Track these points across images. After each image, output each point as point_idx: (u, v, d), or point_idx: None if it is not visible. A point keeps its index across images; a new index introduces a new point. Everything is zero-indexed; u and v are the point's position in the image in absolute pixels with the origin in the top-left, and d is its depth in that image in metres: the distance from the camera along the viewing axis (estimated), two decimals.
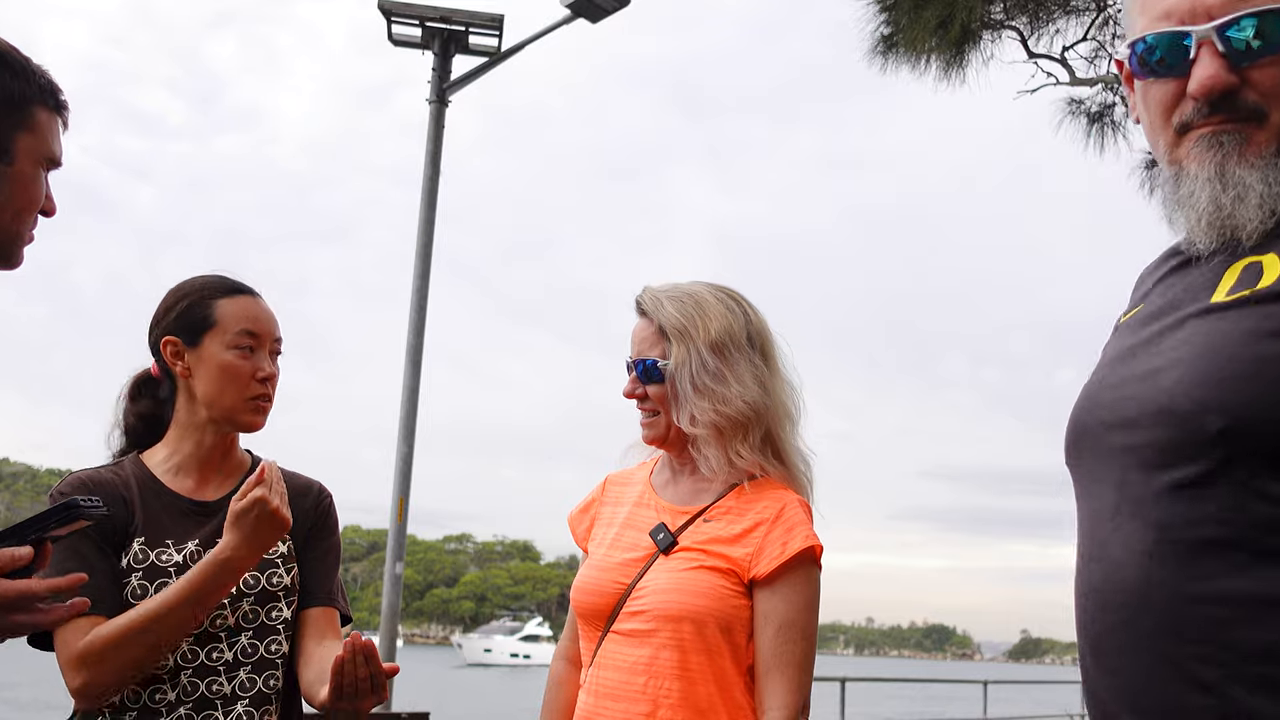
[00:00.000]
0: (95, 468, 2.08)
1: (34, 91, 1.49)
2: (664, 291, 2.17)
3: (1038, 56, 9.56)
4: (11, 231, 1.50)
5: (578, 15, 9.94)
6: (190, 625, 1.90)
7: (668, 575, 2.04)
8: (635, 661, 2.02)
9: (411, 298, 10.05)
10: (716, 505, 2.11)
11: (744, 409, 2.08)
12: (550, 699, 2.26)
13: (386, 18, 10.26)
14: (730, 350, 2.10)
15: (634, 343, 2.20)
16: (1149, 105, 1.27)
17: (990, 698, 14.86)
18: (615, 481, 2.32)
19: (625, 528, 2.18)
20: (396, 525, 9.64)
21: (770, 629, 1.99)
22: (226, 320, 2.07)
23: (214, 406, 2.06)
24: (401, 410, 9.83)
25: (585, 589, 2.14)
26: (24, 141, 1.48)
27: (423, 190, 10.25)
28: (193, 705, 1.94)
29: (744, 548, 2.03)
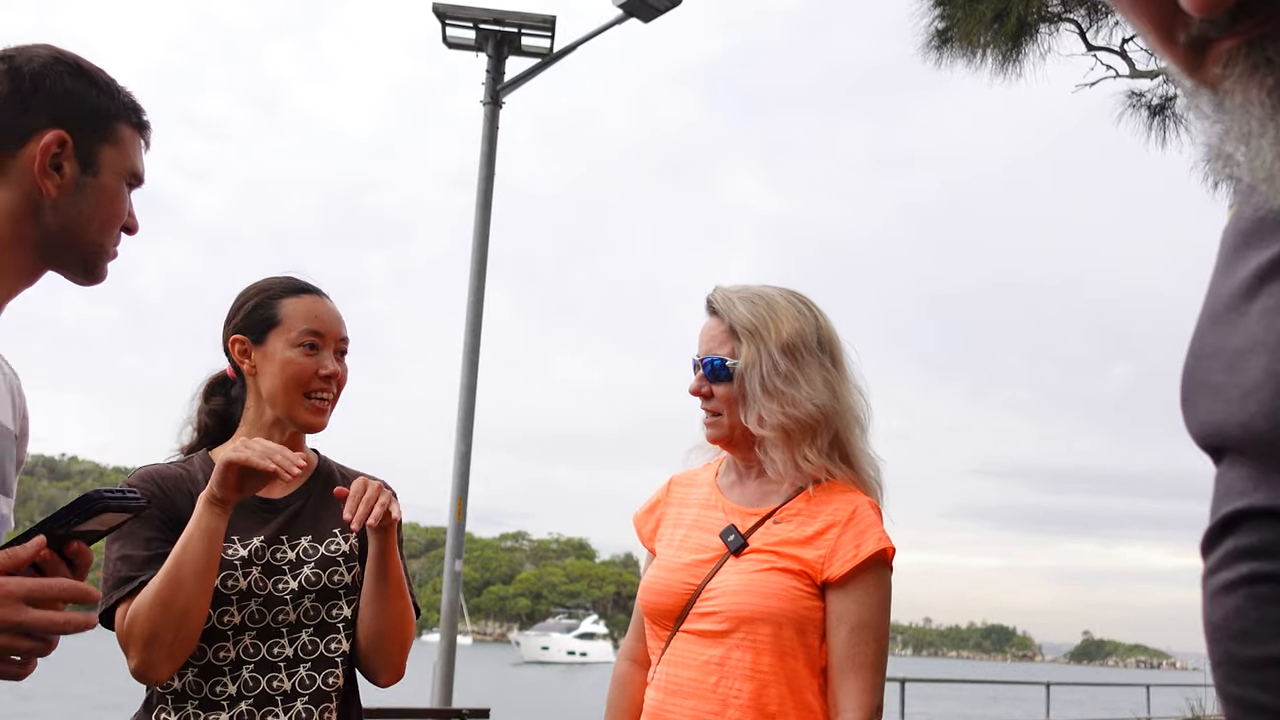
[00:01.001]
0: (164, 463, 2.13)
1: (118, 108, 1.54)
2: (735, 291, 2.17)
3: (1097, 49, 9.42)
4: (96, 245, 1.54)
5: (630, 15, 9.96)
6: (207, 571, 1.88)
7: (739, 577, 2.04)
8: (707, 660, 2.03)
9: (468, 298, 10.14)
10: (786, 507, 2.10)
11: (813, 412, 2.07)
12: (616, 697, 2.27)
13: (441, 21, 10.36)
14: (801, 353, 2.09)
15: (702, 341, 2.19)
16: (1133, 14, 0.78)
17: (1053, 700, 14.67)
18: (680, 482, 2.32)
19: (692, 529, 2.18)
20: (455, 523, 9.74)
21: (844, 630, 1.99)
22: (291, 318, 2.10)
23: (276, 404, 2.09)
24: (459, 410, 9.92)
25: (654, 589, 2.14)
26: (108, 155, 1.53)
27: (478, 191, 10.33)
28: (253, 700, 1.97)
29: (816, 550, 2.03)
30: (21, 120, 1.46)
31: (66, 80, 1.50)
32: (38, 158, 1.46)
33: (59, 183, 1.48)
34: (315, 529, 2.10)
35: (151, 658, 1.88)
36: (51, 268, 1.54)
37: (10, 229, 1.47)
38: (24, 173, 1.46)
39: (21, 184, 1.46)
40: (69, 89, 1.50)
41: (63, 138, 1.47)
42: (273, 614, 2.01)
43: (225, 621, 1.98)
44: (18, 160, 1.46)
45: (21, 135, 1.46)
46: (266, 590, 2.01)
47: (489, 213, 10.29)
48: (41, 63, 1.50)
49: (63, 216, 1.49)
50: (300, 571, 2.05)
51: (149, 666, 1.89)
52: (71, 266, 1.55)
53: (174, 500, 2.03)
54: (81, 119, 1.50)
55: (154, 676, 1.91)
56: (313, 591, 2.04)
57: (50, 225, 1.49)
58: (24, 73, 1.48)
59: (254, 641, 2.00)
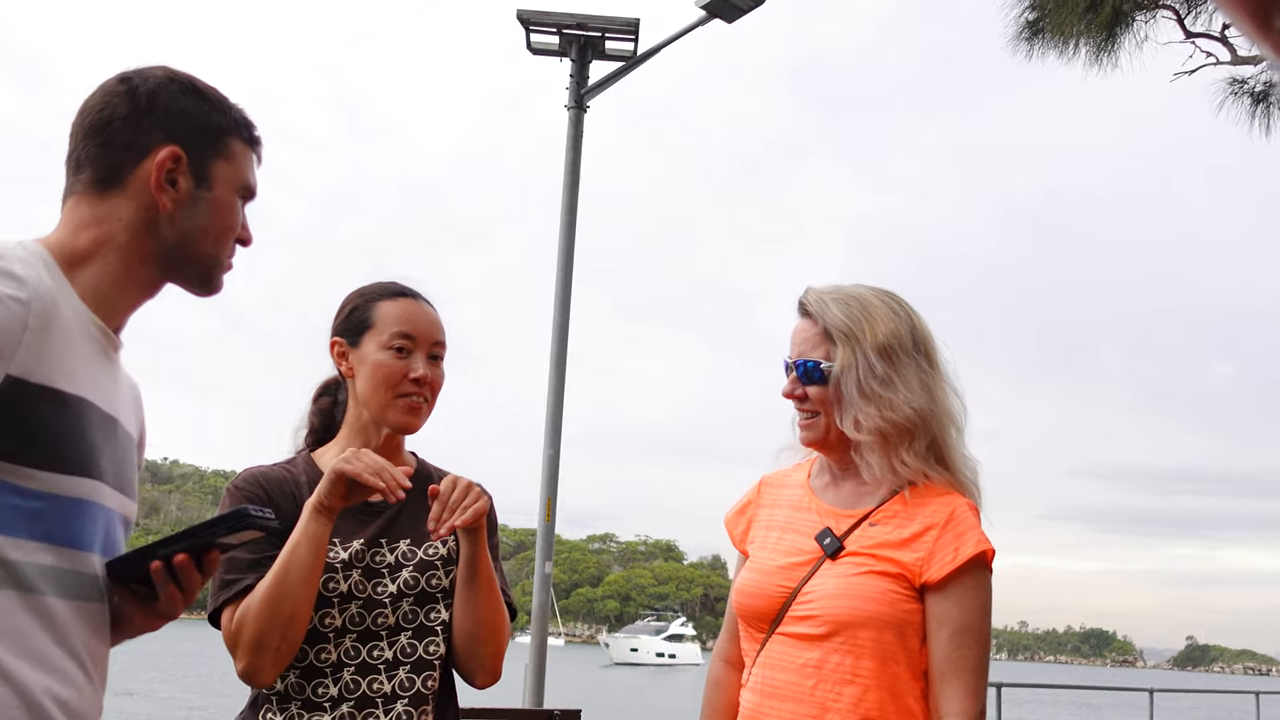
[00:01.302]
0: (268, 465, 2.16)
1: (230, 124, 1.60)
2: (828, 292, 2.14)
3: (1195, 36, 9.14)
4: (211, 256, 1.59)
5: (713, 16, 9.92)
6: (312, 577, 1.92)
7: (836, 580, 2.02)
8: (805, 664, 2.01)
9: (554, 301, 10.20)
10: (882, 509, 2.08)
11: (911, 415, 2.04)
12: (711, 698, 2.26)
13: (525, 27, 10.43)
14: (897, 354, 2.06)
15: (795, 343, 2.16)
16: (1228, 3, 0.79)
17: (1157, 707, 14.23)
18: (771, 483, 2.30)
19: (785, 531, 2.16)
20: (545, 525, 9.79)
21: (944, 634, 1.96)
22: (383, 321, 2.12)
23: (369, 405, 2.12)
24: (547, 412, 9.97)
25: (748, 592, 2.13)
26: (221, 169, 1.58)
27: (563, 195, 10.38)
28: (354, 703, 1.99)
29: (914, 552, 2.00)
30: (138, 138, 1.52)
31: (180, 98, 1.56)
32: (154, 174, 1.51)
33: (174, 197, 1.53)
34: (414, 533, 2.12)
35: (258, 661, 1.92)
36: (170, 280, 1.59)
37: (131, 243, 1.52)
38: (142, 189, 1.52)
39: (140, 199, 1.52)
40: (182, 107, 1.55)
41: (177, 154, 1.53)
42: (372, 617, 2.03)
43: (326, 624, 2.01)
44: (136, 177, 1.52)
45: (139, 153, 1.52)
46: (366, 593, 2.03)
47: (574, 216, 10.34)
48: (156, 82, 1.55)
49: (179, 230, 1.54)
50: (399, 575, 2.07)
51: (255, 670, 1.93)
52: (189, 279, 1.60)
53: (278, 503, 2.06)
54: (195, 135, 1.55)
55: (260, 680, 1.95)
56: (411, 595, 2.06)
57: (168, 239, 1.54)
58: (140, 93, 1.54)
59: (354, 644, 2.02)
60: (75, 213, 1.52)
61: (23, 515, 1.35)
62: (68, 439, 1.40)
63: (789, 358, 2.16)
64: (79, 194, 1.53)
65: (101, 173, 1.52)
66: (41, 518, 1.37)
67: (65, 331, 1.42)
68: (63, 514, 1.39)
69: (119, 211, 1.51)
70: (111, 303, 1.52)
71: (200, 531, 1.52)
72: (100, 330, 1.51)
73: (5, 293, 1.33)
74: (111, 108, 1.53)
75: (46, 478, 1.36)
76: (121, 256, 1.52)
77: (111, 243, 1.51)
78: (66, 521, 1.40)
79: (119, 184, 1.52)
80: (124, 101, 1.53)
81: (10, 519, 1.34)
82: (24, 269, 1.37)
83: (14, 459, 1.34)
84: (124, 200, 1.52)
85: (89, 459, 1.43)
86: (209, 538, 1.52)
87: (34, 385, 1.35)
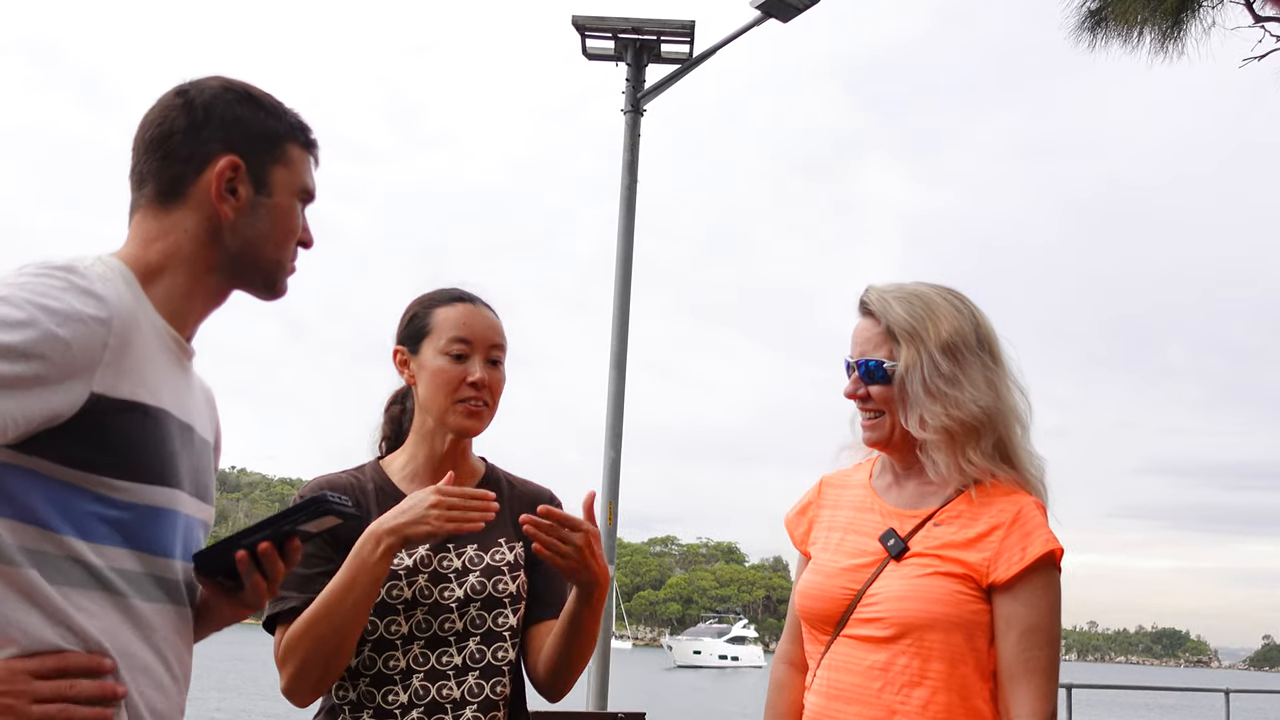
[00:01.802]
0: (336, 473, 2.18)
1: (286, 129, 1.62)
2: (890, 291, 2.11)
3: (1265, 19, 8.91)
4: (274, 260, 1.62)
5: (769, 15, 9.88)
6: (360, 608, 1.91)
7: (902, 582, 2.00)
8: (871, 666, 1.99)
9: (614, 305, 10.22)
10: (946, 508, 2.05)
11: (977, 413, 2.01)
12: (775, 700, 2.24)
13: (580, 33, 10.47)
14: (962, 352, 2.04)
15: (856, 343, 2.14)
16: None
17: (1233, 708, 13.89)
18: (831, 483, 2.28)
19: (848, 532, 2.14)
20: (607, 528, 9.81)
21: (1013, 635, 1.93)
22: (441, 327, 2.13)
23: (431, 411, 2.13)
24: (607, 416, 9.99)
25: (811, 594, 2.11)
26: (279, 175, 1.60)
27: (621, 199, 10.40)
28: (424, 709, 2.00)
29: (980, 552, 1.98)
30: (198, 150, 1.54)
31: (236, 107, 1.57)
32: (214, 184, 1.54)
33: (235, 205, 1.55)
34: (482, 538, 2.11)
35: (299, 686, 1.95)
36: (236, 287, 1.62)
37: (197, 253, 1.55)
38: (203, 199, 1.54)
39: (203, 209, 1.55)
40: (238, 115, 1.57)
41: (236, 162, 1.55)
42: (439, 622, 2.04)
43: (393, 631, 2.02)
44: (197, 188, 1.54)
45: (199, 164, 1.54)
46: (432, 599, 2.04)
47: (633, 220, 10.35)
48: (212, 93, 1.58)
49: (241, 238, 1.57)
50: (466, 580, 2.07)
51: (294, 692, 1.96)
52: (254, 284, 1.62)
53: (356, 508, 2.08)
54: (252, 143, 1.57)
55: (298, 702, 1.98)
56: (478, 600, 2.06)
57: (231, 247, 1.57)
58: (197, 105, 1.56)
59: (423, 651, 2.03)
60: (142, 227, 1.55)
61: (106, 523, 1.39)
62: (148, 450, 1.43)
63: (850, 358, 2.14)
64: (144, 208, 1.56)
65: (164, 186, 1.55)
66: (124, 525, 1.41)
67: (144, 345, 1.45)
68: (144, 522, 1.43)
69: (184, 223, 1.54)
70: (183, 313, 1.56)
71: (281, 520, 1.55)
72: (175, 340, 1.54)
73: (87, 313, 1.36)
74: (170, 121, 1.55)
75: (129, 488, 1.41)
76: (189, 267, 1.55)
77: (179, 254, 1.54)
78: (148, 529, 1.44)
79: (181, 196, 1.54)
80: (181, 114, 1.55)
81: (94, 526, 1.38)
82: (104, 286, 1.41)
83: (98, 470, 1.38)
84: (187, 212, 1.54)
85: (169, 468, 1.47)
86: (290, 525, 1.55)
87: (116, 400, 1.39)
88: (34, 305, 1.32)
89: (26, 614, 1.33)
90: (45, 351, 1.31)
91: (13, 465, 1.34)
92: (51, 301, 1.34)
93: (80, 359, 1.35)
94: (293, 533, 1.56)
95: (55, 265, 1.40)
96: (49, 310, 1.33)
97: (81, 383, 1.35)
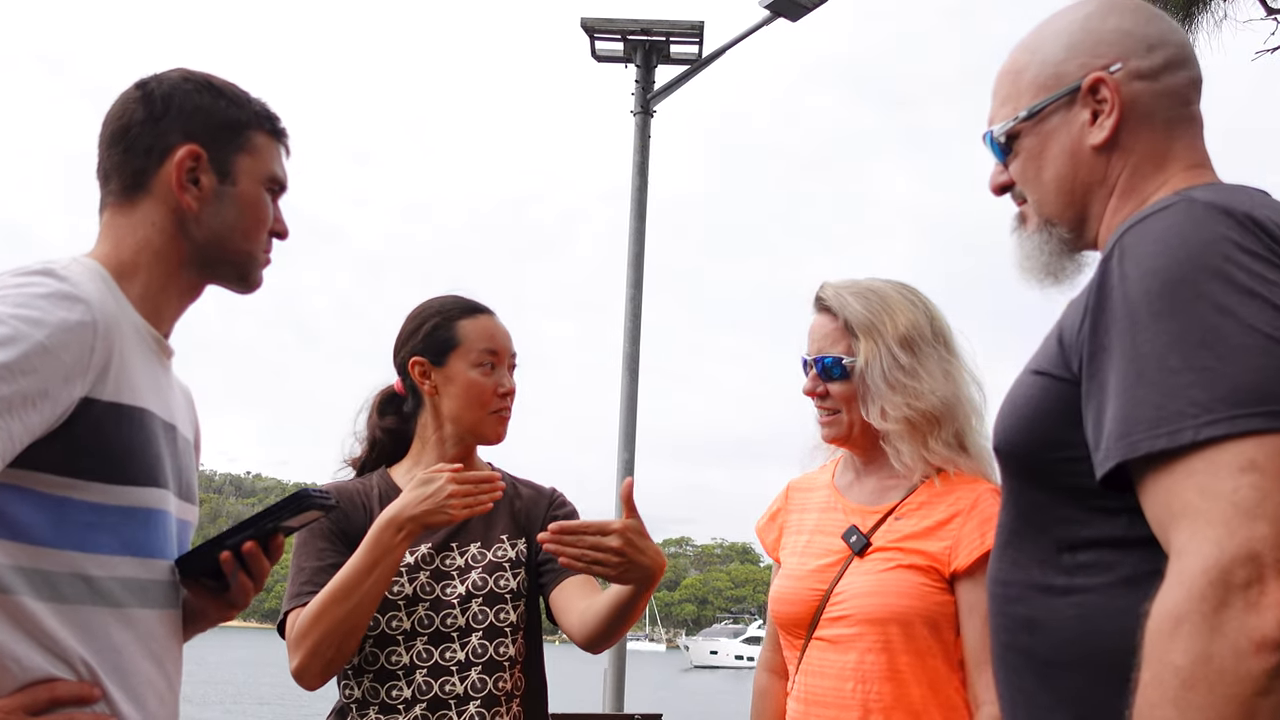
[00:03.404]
0: (344, 480, 2.21)
1: (250, 117, 1.59)
2: (845, 287, 2.15)
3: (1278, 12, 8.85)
4: (243, 251, 1.59)
5: (778, 15, 9.85)
6: (375, 590, 1.93)
7: (866, 578, 2.01)
8: (842, 667, 2.00)
9: (625, 307, 10.20)
10: (906, 501, 2.07)
11: (936, 404, 2.04)
12: (758, 709, 2.26)
13: (589, 35, 10.46)
14: (919, 344, 2.08)
15: (813, 339, 2.17)
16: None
17: None
18: (798, 488, 2.30)
19: (815, 533, 2.16)
20: None
21: (976, 621, 1.93)
22: (470, 340, 2.15)
23: (460, 422, 2.15)
24: (620, 418, 9.98)
25: (783, 599, 2.13)
26: (244, 163, 1.57)
27: (631, 201, 10.38)
28: (427, 705, 2.01)
29: (941, 541, 2.00)
30: (157, 141, 1.52)
31: (195, 96, 1.55)
32: (174, 173, 1.51)
33: (198, 195, 1.53)
34: (485, 535, 2.15)
35: (312, 666, 1.95)
36: (209, 281, 1.60)
37: (167, 246, 1.53)
38: (166, 190, 1.52)
39: (167, 201, 1.52)
40: (198, 104, 1.55)
41: (195, 151, 1.52)
42: (441, 618, 2.05)
43: (395, 626, 2.04)
44: (159, 180, 1.52)
45: (160, 155, 1.52)
46: (434, 594, 2.06)
47: (644, 221, 10.34)
48: (171, 84, 1.55)
49: (207, 228, 1.54)
50: (468, 576, 2.09)
51: (304, 671, 1.97)
52: (226, 277, 1.60)
53: (349, 515, 2.10)
54: (213, 131, 1.54)
55: (308, 683, 1.99)
56: (479, 595, 2.08)
57: (197, 238, 1.54)
58: (155, 96, 1.54)
59: (426, 647, 2.04)
60: (112, 225, 1.54)
61: (100, 530, 1.37)
62: (136, 452, 1.42)
63: (807, 355, 2.17)
64: (111, 205, 1.54)
65: (127, 180, 1.53)
66: (117, 531, 1.39)
67: (126, 346, 1.43)
68: (136, 525, 1.42)
69: (150, 217, 1.52)
70: (160, 310, 1.54)
71: (263, 518, 1.54)
72: (154, 339, 1.53)
73: (71, 319, 1.33)
74: (129, 114, 1.54)
75: (119, 491, 1.39)
76: (161, 263, 1.53)
77: (150, 249, 1.52)
78: (141, 532, 1.43)
79: (144, 189, 1.52)
80: (140, 106, 1.54)
81: (90, 536, 1.37)
82: (84, 289, 1.38)
83: (88, 476, 1.36)
84: (152, 205, 1.52)
85: (156, 469, 1.45)
86: (273, 523, 1.54)
87: (103, 403, 1.37)
88: (16, 319, 1.29)
89: (21, 644, 1.30)
90: (36, 365, 1.28)
91: (1, 484, 1.30)
92: (33, 312, 1.30)
93: (69, 366, 1.32)
94: (275, 530, 1.56)
95: (32, 270, 1.37)
96: (32, 321, 1.30)
97: (71, 389, 1.33)
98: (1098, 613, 1.24)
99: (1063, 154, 1.43)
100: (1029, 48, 1.48)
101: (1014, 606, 1.34)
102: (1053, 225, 1.46)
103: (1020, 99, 1.45)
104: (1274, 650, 1.02)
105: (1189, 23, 8.80)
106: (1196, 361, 1.12)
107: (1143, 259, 1.20)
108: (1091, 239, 1.46)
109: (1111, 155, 1.40)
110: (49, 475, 1.33)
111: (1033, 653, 1.31)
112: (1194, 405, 1.11)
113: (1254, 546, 1.05)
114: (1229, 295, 1.14)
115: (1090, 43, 1.42)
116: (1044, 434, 1.29)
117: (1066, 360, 1.27)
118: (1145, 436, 1.13)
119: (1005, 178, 1.51)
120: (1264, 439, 1.08)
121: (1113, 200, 1.42)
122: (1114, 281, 1.21)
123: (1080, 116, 1.41)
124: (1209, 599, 1.04)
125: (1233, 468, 1.08)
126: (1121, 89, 1.39)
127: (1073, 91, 1.41)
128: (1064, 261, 1.48)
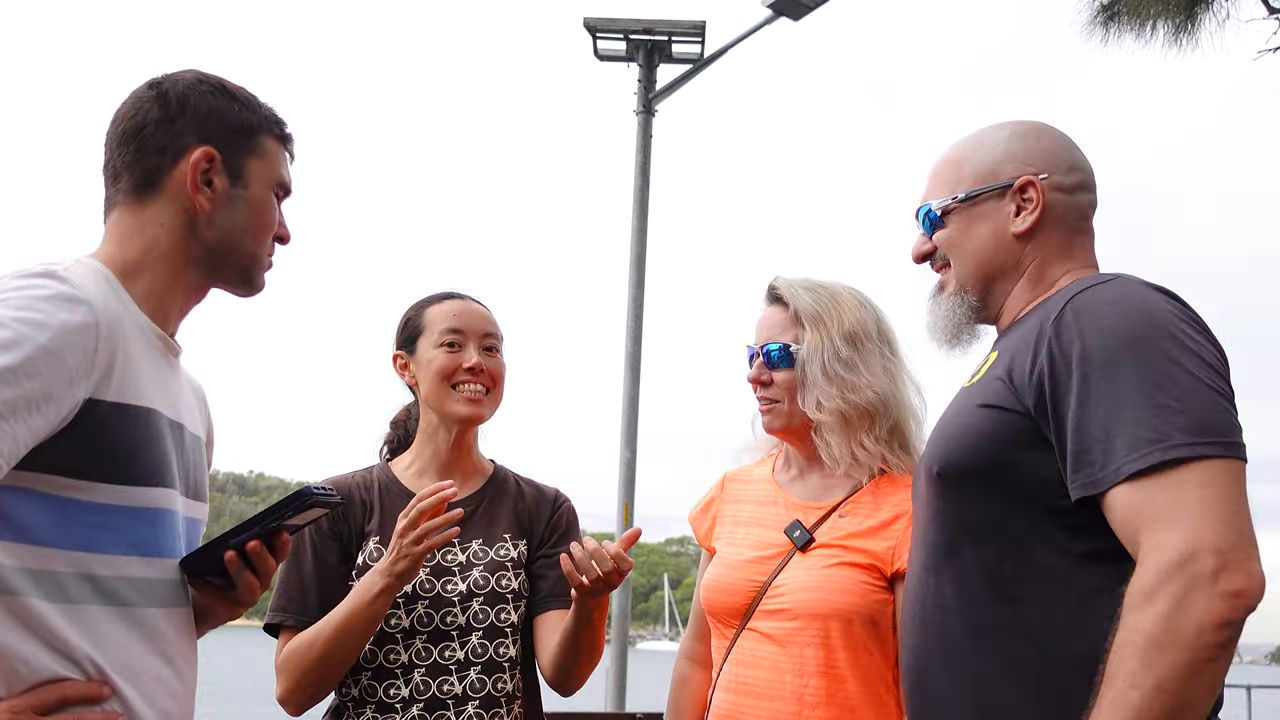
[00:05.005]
0: (345, 474, 2.22)
1: (260, 121, 1.60)
2: (798, 281, 2.19)
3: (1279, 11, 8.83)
4: (250, 254, 1.60)
5: (780, 14, 9.85)
6: (361, 640, 1.97)
7: (808, 573, 2.02)
8: (779, 660, 2.01)
9: (628, 306, 10.20)
10: (851, 499, 2.08)
11: (873, 399, 2.07)
12: (678, 697, 2.26)
13: (592, 35, 10.46)
14: (863, 340, 2.11)
15: (761, 330, 2.20)
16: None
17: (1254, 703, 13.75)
18: (734, 479, 2.31)
19: (752, 525, 2.16)
20: (623, 529, 9.80)
21: None
22: (433, 322, 2.17)
23: (432, 404, 2.16)
24: (623, 417, 9.98)
25: (717, 587, 2.13)
26: (255, 167, 1.58)
27: (633, 200, 10.38)
28: (425, 704, 2.01)
29: (884, 541, 2.01)
30: (172, 141, 1.53)
31: (210, 99, 1.56)
32: (189, 174, 1.52)
33: (211, 197, 1.54)
34: (487, 533, 2.14)
35: (294, 698, 2.01)
36: (214, 283, 1.60)
37: (175, 247, 1.53)
38: (179, 191, 1.53)
39: (179, 201, 1.53)
40: (213, 107, 1.55)
41: (211, 154, 1.53)
42: (441, 616, 2.05)
43: (393, 625, 2.03)
44: (172, 180, 1.52)
45: (174, 155, 1.52)
46: (434, 591, 2.05)
47: (646, 220, 10.34)
48: (186, 85, 1.56)
49: (218, 230, 1.55)
50: (469, 574, 2.09)
51: (289, 701, 2.02)
52: (231, 279, 1.61)
53: (348, 510, 2.12)
54: (227, 134, 1.55)
55: (291, 710, 2.04)
56: (481, 594, 2.08)
57: (207, 239, 1.55)
58: (170, 96, 1.54)
59: (425, 645, 2.04)
60: (119, 224, 1.54)
61: (106, 530, 1.38)
62: (141, 452, 1.42)
63: (754, 345, 2.19)
64: (120, 204, 1.54)
65: (139, 179, 1.53)
66: (123, 531, 1.40)
67: (130, 346, 1.43)
68: (143, 524, 1.42)
69: (160, 217, 1.52)
70: (165, 309, 1.54)
71: (267, 517, 1.55)
72: (160, 338, 1.53)
73: (74, 321, 1.33)
74: (143, 113, 1.54)
75: (125, 491, 1.39)
76: (168, 262, 1.53)
77: (157, 249, 1.52)
78: (147, 531, 1.43)
79: (156, 189, 1.52)
80: (155, 106, 1.54)
81: (96, 536, 1.37)
82: (86, 290, 1.38)
83: (93, 476, 1.36)
84: (163, 205, 1.53)
85: (162, 468, 1.46)
86: (277, 521, 1.55)
87: (107, 404, 1.37)
88: (19, 322, 1.29)
89: (28, 645, 1.30)
90: (39, 368, 1.28)
91: (6, 485, 1.31)
92: (36, 314, 1.30)
93: (72, 369, 1.32)
94: (280, 528, 1.56)
95: (34, 272, 1.37)
96: (34, 324, 1.30)
97: (75, 391, 1.33)
98: (1045, 626, 1.47)
99: (989, 235, 1.72)
100: (972, 144, 1.77)
101: (950, 618, 1.56)
102: (966, 292, 1.74)
103: (959, 185, 1.74)
104: (1227, 628, 1.30)
105: (1191, 22, 8.79)
106: (1159, 401, 1.39)
107: (1101, 318, 1.47)
108: (994, 313, 1.74)
109: (1027, 245, 1.70)
110: (54, 477, 1.33)
111: (966, 666, 1.53)
112: (1160, 435, 1.37)
113: (1217, 544, 1.32)
114: (1178, 351, 1.42)
115: (1024, 153, 1.72)
116: (996, 456, 1.53)
117: (1019, 397, 1.52)
118: (1125, 461, 1.38)
119: (929, 247, 1.79)
120: (1215, 462, 1.36)
121: (1021, 282, 1.70)
122: (1072, 335, 1.47)
123: (1007, 208, 1.71)
124: (1180, 582, 1.31)
125: (1196, 484, 1.35)
126: (1045, 194, 1.69)
127: (1005, 187, 1.71)
128: (967, 329, 1.76)
